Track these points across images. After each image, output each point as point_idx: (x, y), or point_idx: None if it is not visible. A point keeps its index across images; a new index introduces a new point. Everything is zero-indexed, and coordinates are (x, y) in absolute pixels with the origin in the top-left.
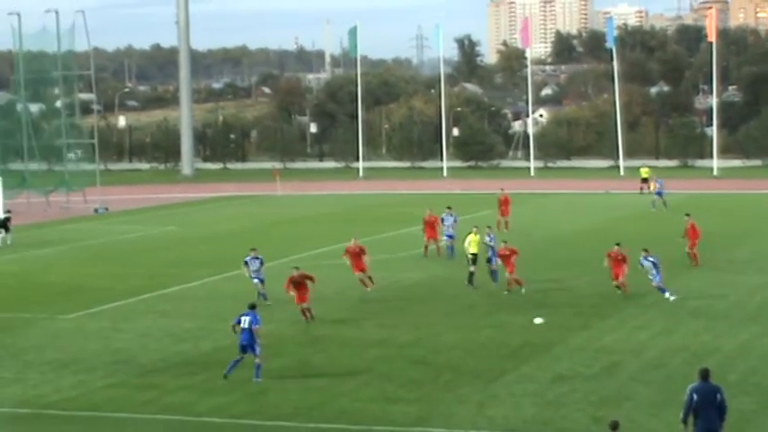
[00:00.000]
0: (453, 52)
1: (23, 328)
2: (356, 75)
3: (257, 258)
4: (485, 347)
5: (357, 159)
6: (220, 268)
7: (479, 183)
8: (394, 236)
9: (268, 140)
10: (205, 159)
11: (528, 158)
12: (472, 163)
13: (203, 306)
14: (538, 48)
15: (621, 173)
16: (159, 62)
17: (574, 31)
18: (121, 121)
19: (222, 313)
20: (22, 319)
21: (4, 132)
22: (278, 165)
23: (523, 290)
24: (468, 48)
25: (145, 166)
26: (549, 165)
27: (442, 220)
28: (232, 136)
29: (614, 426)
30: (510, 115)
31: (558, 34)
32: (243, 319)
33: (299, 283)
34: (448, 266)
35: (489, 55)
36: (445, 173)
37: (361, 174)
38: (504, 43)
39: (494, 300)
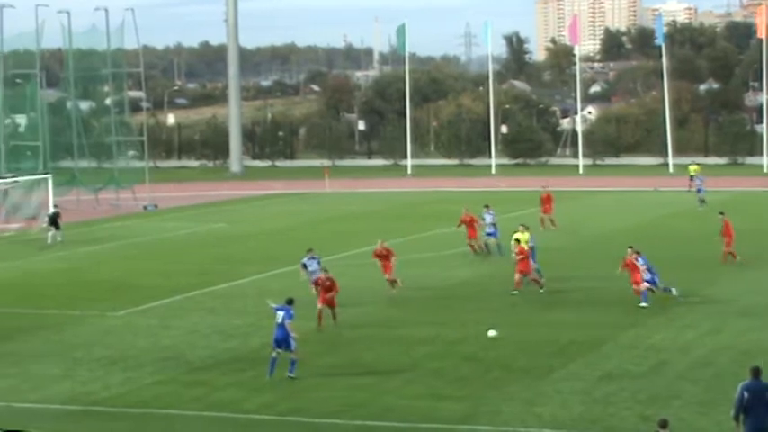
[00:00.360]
0: (502, 50)
1: (73, 325)
2: (405, 72)
3: (314, 258)
4: (533, 344)
5: (405, 157)
6: (269, 265)
7: (528, 180)
8: (441, 233)
9: (316, 138)
10: (254, 157)
11: (576, 156)
12: (520, 160)
13: (252, 303)
14: (586, 45)
15: (671, 170)
16: (208, 60)
17: (623, 28)
18: (170, 119)
19: (270, 310)
20: (72, 316)
21: (54, 130)
22: (326, 162)
23: (542, 289)
24: (516, 45)
25: (194, 163)
26: (598, 162)
27: (483, 218)
28: (280, 133)
29: (663, 424)
30: (558, 112)
31: (607, 31)
32: (277, 313)
33: (329, 288)
34: (495, 264)
35: (538, 52)
36: (493, 170)
37: (409, 171)
38: (553, 40)
39: (542, 297)
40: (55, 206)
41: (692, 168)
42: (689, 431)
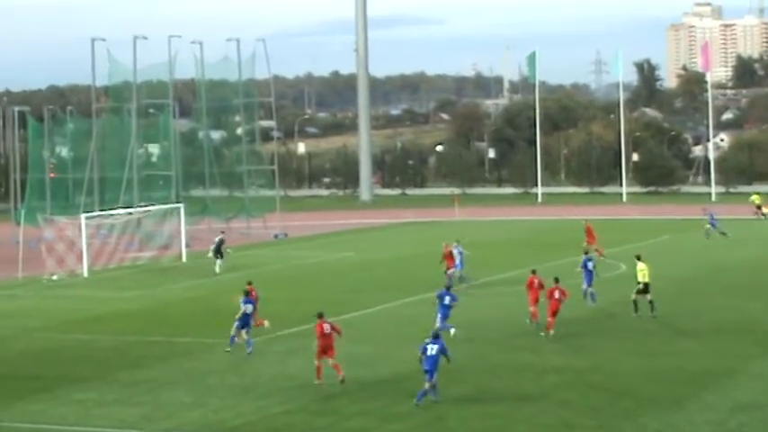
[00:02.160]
0: (632, 77)
1: (203, 353)
2: (535, 100)
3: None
4: (663, 374)
5: (535, 185)
6: (399, 294)
7: (660, 208)
8: (570, 262)
9: (446, 166)
10: (383, 185)
11: (709, 183)
12: (652, 188)
13: (381, 331)
14: (718, 71)
15: None
16: (338, 89)
17: (755, 55)
18: (301, 148)
19: (401, 339)
20: (203, 343)
21: (186, 159)
22: (456, 190)
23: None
24: (647, 72)
25: (324, 192)
26: (731, 190)
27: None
28: (410, 162)
29: None
30: (690, 140)
31: (739, 58)
32: (429, 347)
33: (328, 335)
34: (623, 293)
35: (669, 79)
36: (624, 198)
37: (539, 199)
38: (684, 67)
39: (670, 326)
40: (222, 232)
41: (756, 198)
42: None
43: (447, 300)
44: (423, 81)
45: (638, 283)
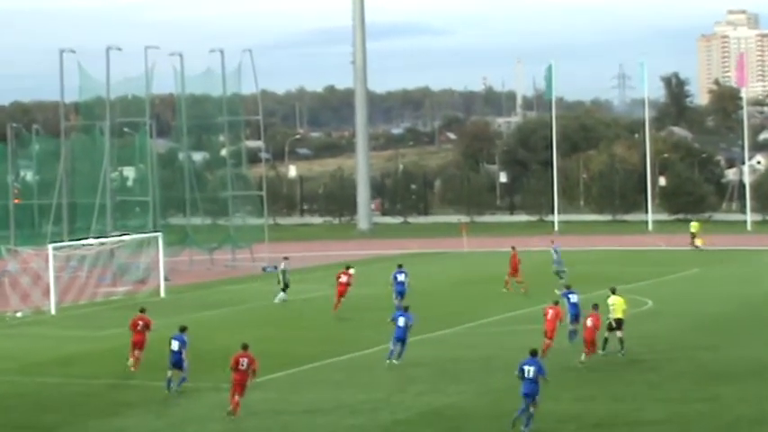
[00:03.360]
0: (659, 92)
1: (185, 399)
2: (551, 118)
3: None
4: (694, 423)
5: (552, 212)
6: None
7: (689, 238)
8: (592, 297)
9: (453, 191)
10: (383, 213)
11: (744, 211)
12: (681, 216)
13: (381, 375)
14: (755, 87)
15: None
16: (333, 105)
17: None
18: (292, 171)
19: (402, 383)
20: (184, 388)
21: (164, 184)
22: (464, 218)
23: None
24: (675, 87)
25: (317, 220)
26: None
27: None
28: (413, 186)
29: None
30: (723, 162)
31: None
32: (526, 368)
33: (242, 371)
34: (659, 330)
35: (700, 95)
36: (650, 227)
37: (556, 228)
38: (717, 82)
39: (703, 369)
40: (285, 258)
41: (693, 226)
42: None
43: (401, 321)
44: (427, 97)
45: (608, 319)
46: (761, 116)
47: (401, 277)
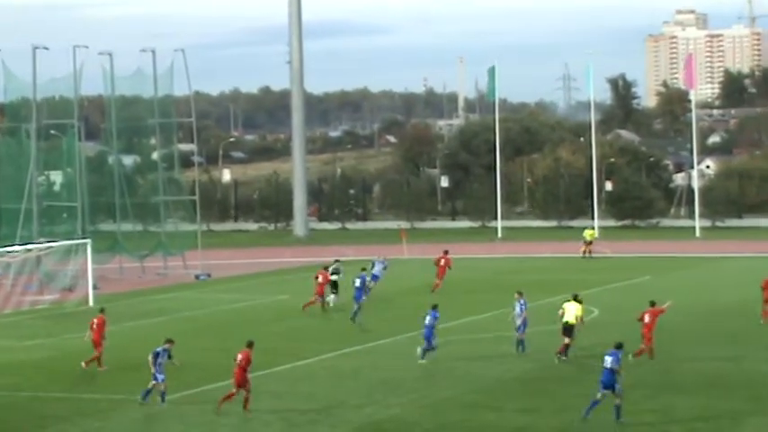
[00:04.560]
0: (606, 94)
1: (114, 412)
2: (494, 121)
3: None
4: None
5: (495, 218)
6: (338, 343)
7: (637, 245)
8: (536, 306)
9: (393, 196)
10: (321, 219)
11: (692, 217)
12: (628, 222)
13: (321, 386)
14: (704, 89)
15: None
16: (269, 107)
17: (745, 70)
18: (226, 175)
19: (342, 394)
20: (113, 401)
21: (93, 188)
22: (404, 224)
23: None
24: (622, 89)
25: (252, 226)
26: (718, 224)
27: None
28: (351, 191)
29: None
30: (671, 167)
31: (728, 73)
32: (606, 358)
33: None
34: (607, 339)
35: (647, 97)
36: (597, 233)
37: (499, 234)
38: (665, 84)
39: (655, 379)
40: (336, 260)
41: (588, 233)
42: None
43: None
44: (366, 98)
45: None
46: (710, 119)
47: (357, 282)
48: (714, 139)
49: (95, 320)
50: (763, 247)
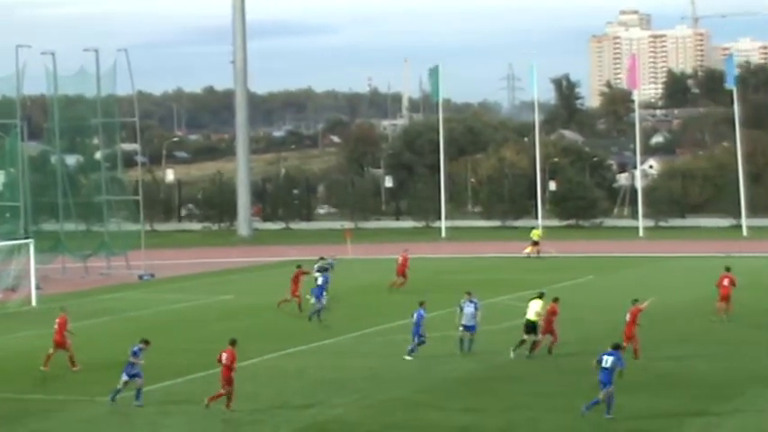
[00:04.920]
0: (549, 95)
1: (57, 412)
2: (438, 121)
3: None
4: None
5: (439, 218)
6: (282, 343)
7: (581, 244)
8: (480, 305)
9: (337, 196)
10: (265, 218)
11: (636, 216)
12: (572, 222)
13: (263, 387)
14: (647, 89)
15: (744, 233)
16: (212, 107)
17: (688, 70)
18: (169, 175)
19: (285, 395)
20: (56, 401)
21: (36, 188)
22: (348, 224)
23: None
24: (566, 89)
25: (196, 226)
26: (661, 224)
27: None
28: (295, 191)
29: None
30: (615, 167)
31: (671, 74)
32: (605, 358)
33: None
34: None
35: (591, 98)
36: (540, 233)
37: (443, 234)
38: (608, 84)
39: (597, 378)
40: (333, 258)
41: (535, 233)
42: None
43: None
44: (310, 98)
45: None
46: (653, 119)
47: (320, 280)
48: (657, 139)
49: (57, 320)
50: (706, 247)
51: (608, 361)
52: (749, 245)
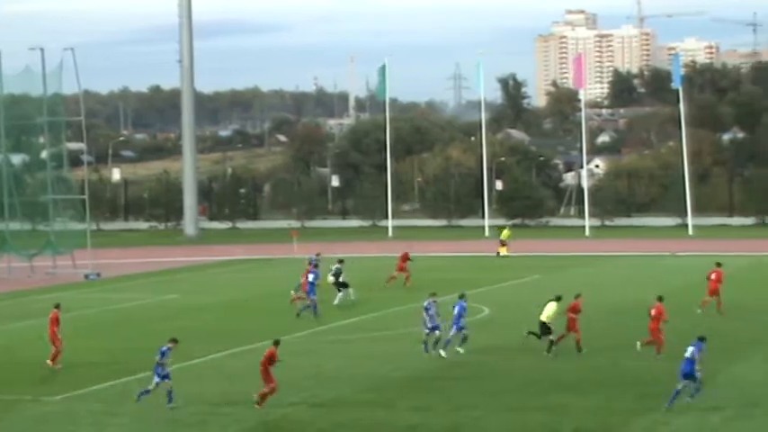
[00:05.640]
0: (496, 94)
1: (3, 412)
2: (385, 120)
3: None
4: None
5: (385, 217)
6: (228, 342)
7: (527, 243)
8: (417, 307)
9: (283, 195)
10: (211, 218)
11: (582, 216)
12: (518, 221)
13: (209, 386)
14: (593, 89)
15: (690, 232)
16: (159, 106)
17: (634, 70)
18: (116, 174)
19: (231, 394)
20: (2, 401)
21: None
22: (295, 223)
23: None
24: (512, 89)
25: (142, 225)
26: (607, 223)
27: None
28: (242, 190)
29: None
30: (561, 166)
31: (617, 73)
32: (689, 349)
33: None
34: (499, 337)
35: (537, 97)
36: (487, 232)
37: (390, 233)
38: (555, 84)
39: (548, 378)
40: (340, 261)
41: (505, 233)
42: None
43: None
44: (256, 97)
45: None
46: (599, 119)
47: (311, 277)
48: (603, 138)
49: (51, 316)
50: (652, 246)
51: (690, 351)
52: (695, 244)
